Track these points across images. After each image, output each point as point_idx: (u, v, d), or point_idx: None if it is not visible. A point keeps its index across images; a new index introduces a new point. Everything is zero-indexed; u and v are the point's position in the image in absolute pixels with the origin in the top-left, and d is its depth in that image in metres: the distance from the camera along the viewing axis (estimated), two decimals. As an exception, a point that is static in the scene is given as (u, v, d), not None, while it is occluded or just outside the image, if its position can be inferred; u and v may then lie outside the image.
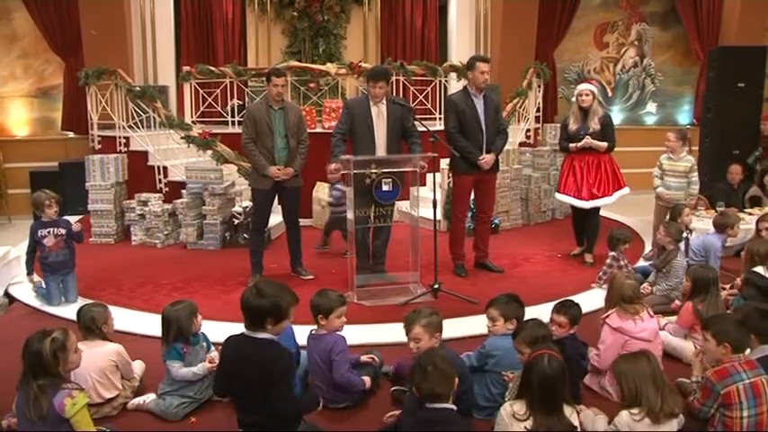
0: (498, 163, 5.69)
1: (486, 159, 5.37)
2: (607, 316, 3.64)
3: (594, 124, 5.78)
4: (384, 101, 5.21)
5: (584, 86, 5.93)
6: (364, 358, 3.66)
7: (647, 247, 6.45)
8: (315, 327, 3.52)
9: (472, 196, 5.80)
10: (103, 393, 3.35)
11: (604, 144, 5.80)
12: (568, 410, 2.70)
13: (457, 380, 2.72)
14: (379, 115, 5.20)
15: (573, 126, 5.89)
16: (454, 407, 2.69)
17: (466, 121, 5.35)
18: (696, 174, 6.22)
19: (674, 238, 4.95)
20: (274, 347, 2.80)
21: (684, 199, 6.12)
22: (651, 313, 3.69)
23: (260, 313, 2.78)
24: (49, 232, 4.91)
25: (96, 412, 3.24)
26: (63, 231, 4.95)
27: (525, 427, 2.61)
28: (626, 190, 5.93)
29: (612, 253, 5.23)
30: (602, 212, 6.28)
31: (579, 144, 5.79)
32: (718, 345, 3.03)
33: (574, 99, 6.05)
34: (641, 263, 5.93)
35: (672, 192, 6.20)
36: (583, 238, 6.15)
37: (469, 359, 3.45)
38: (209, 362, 3.46)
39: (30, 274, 5.10)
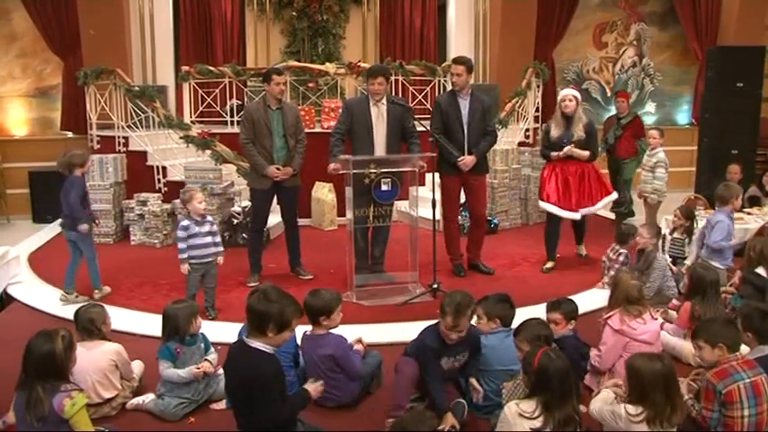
0: (486, 164, 5.66)
1: (466, 161, 5.32)
2: (609, 317, 3.61)
3: (579, 131, 5.56)
4: (384, 101, 5.20)
5: (567, 92, 5.68)
6: (356, 348, 3.64)
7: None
8: (308, 327, 3.52)
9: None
10: (103, 393, 3.35)
11: (587, 153, 5.60)
12: None
13: None
14: (379, 116, 5.19)
15: (555, 133, 5.63)
16: None
17: (449, 121, 5.32)
18: (662, 169, 6.37)
19: (653, 237, 4.97)
20: (263, 358, 2.73)
21: (651, 191, 6.39)
22: (655, 315, 3.68)
23: (263, 318, 2.69)
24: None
25: (95, 412, 3.25)
26: None
27: (531, 427, 2.62)
28: (613, 195, 5.82)
29: (620, 248, 5.17)
30: (602, 212, 6.32)
31: (561, 153, 5.56)
32: (713, 348, 3.03)
33: (557, 105, 5.80)
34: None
35: (641, 184, 6.56)
36: (555, 251, 5.89)
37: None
38: (204, 367, 3.44)
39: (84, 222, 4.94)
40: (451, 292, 3.28)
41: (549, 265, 5.80)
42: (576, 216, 5.66)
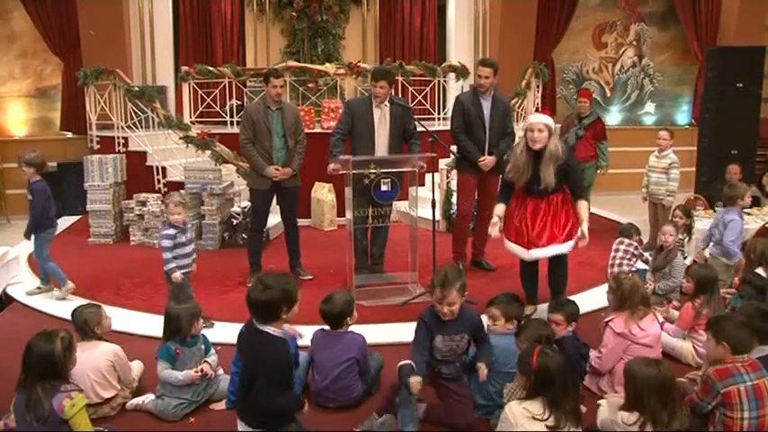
0: (503, 165, 5.66)
1: (487, 161, 5.36)
2: (611, 319, 3.60)
3: (548, 177, 4.11)
4: (387, 102, 5.20)
5: (536, 119, 4.18)
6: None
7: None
8: (315, 328, 3.53)
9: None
10: (102, 393, 3.35)
11: (584, 214, 4.26)
12: None
13: None
14: (382, 117, 5.19)
15: (515, 178, 4.26)
16: None
17: (470, 120, 5.35)
18: (676, 170, 6.26)
19: (677, 236, 4.97)
20: (276, 341, 2.85)
21: (666, 194, 6.25)
22: (658, 318, 3.67)
23: (273, 304, 2.81)
24: None
25: (95, 412, 3.25)
26: None
27: (547, 426, 2.63)
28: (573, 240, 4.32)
29: (632, 242, 5.15)
30: (599, 212, 6.21)
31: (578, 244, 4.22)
32: (717, 344, 3.02)
33: (521, 132, 4.37)
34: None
35: (652, 186, 6.37)
36: (536, 294, 4.66)
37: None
38: (202, 370, 3.44)
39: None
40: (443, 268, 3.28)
41: (530, 310, 4.50)
42: (531, 256, 4.34)
